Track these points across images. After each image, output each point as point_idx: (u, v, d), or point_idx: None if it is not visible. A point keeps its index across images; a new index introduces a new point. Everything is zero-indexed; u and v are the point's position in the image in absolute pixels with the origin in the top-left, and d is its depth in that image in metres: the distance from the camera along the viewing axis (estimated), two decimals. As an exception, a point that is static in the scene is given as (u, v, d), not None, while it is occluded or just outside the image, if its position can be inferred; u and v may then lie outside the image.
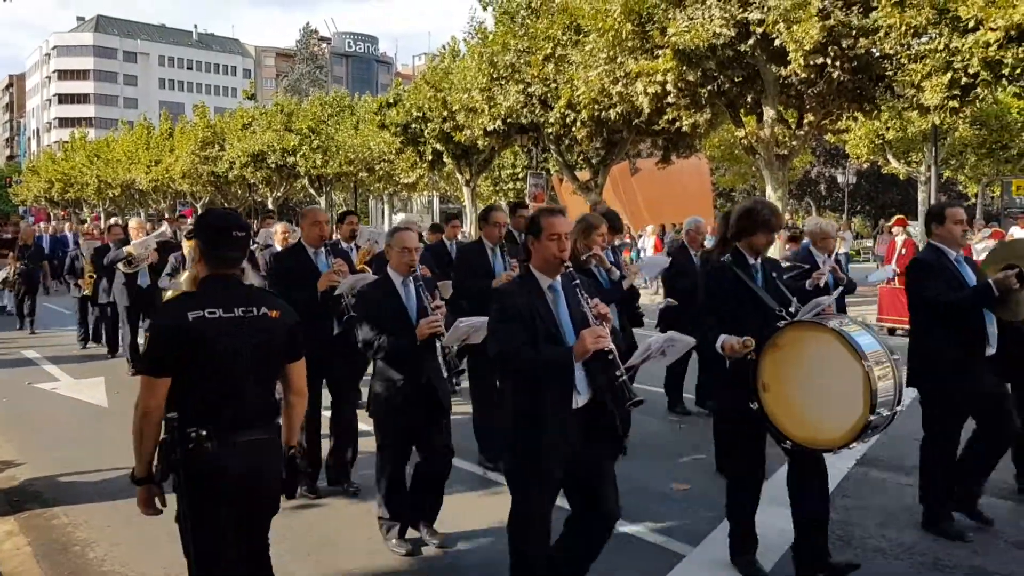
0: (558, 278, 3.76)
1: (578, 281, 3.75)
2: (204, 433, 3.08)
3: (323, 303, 5.70)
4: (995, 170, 30.92)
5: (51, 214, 55.13)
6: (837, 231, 7.66)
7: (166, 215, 44.68)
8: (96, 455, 6.95)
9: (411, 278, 4.86)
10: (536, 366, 3.60)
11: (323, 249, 5.99)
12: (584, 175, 23.77)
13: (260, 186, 43.53)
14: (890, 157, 29.67)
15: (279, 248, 9.01)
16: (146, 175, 50.54)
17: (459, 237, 10.70)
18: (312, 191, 41.81)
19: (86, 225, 24.96)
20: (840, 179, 40.30)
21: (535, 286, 3.75)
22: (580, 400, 3.65)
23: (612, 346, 3.56)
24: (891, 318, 13.78)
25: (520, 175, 36.53)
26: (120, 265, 10.41)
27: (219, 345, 3.10)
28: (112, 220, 14.67)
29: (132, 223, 11.59)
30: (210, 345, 3.08)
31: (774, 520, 4.72)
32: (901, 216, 16.85)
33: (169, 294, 8.48)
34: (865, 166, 36.80)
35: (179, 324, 3.07)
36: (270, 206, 43.33)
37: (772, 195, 17.36)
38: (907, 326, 6.93)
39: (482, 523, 5.25)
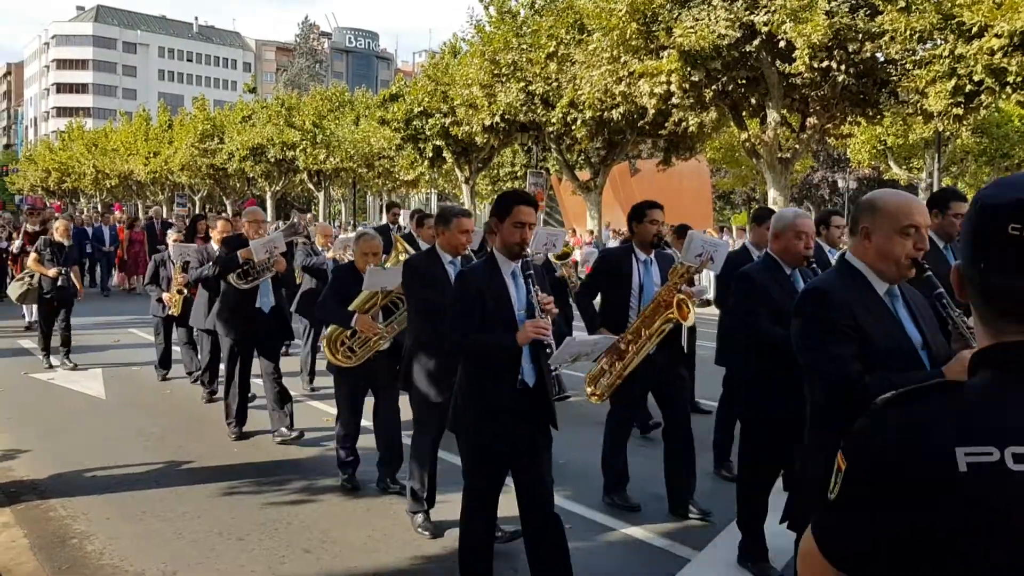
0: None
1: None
2: None
3: None
4: (995, 178, 30.94)
5: (47, 203, 54.84)
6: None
7: (175, 208, 44.57)
8: (93, 446, 6.88)
9: None
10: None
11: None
12: (584, 175, 23.76)
13: (259, 180, 43.44)
14: (891, 163, 29.68)
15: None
16: (144, 166, 50.42)
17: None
18: (311, 186, 41.73)
19: (84, 215, 24.03)
20: (841, 184, 40.35)
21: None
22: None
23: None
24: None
25: (519, 173, 36.52)
26: (232, 278, 6.92)
27: None
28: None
29: (248, 216, 7.52)
30: None
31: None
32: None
33: (329, 332, 5.89)
34: (866, 171, 36.82)
35: None
36: (268, 200, 43.27)
37: (774, 198, 17.33)
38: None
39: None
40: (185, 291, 8.56)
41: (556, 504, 5.71)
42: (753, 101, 17.18)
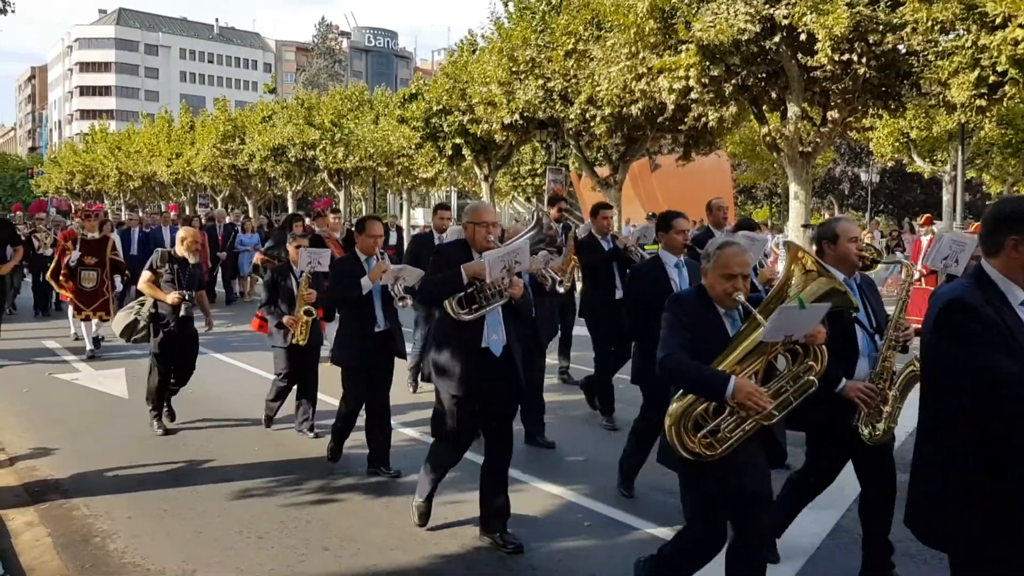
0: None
1: None
2: None
3: None
4: (1021, 170, 30.53)
5: (72, 205, 55.45)
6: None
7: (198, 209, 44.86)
8: (117, 446, 6.96)
9: None
10: None
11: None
12: (603, 171, 23.66)
13: (280, 180, 43.68)
14: (915, 156, 29.37)
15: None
16: (167, 168, 50.87)
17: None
18: (332, 185, 41.92)
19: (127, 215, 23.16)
20: (864, 177, 39.98)
21: None
22: None
23: None
24: (915, 318, 13.57)
25: (539, 170, 36.50)
26: (451, 304, 4.68)
27: None
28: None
29: (471, 215, 4.90)
30: None
31: (803, 523, 4.64)
32: (929, 215, 16.79)
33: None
34: (889, 165, 36.46)
35: None
36: (289, 200, 43.52)
37: (795, 192, 17.20)
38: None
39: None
40: (314, 312, 6.93)
41: (576, 502, 5.71)
42: (773, 95, 17.03)
